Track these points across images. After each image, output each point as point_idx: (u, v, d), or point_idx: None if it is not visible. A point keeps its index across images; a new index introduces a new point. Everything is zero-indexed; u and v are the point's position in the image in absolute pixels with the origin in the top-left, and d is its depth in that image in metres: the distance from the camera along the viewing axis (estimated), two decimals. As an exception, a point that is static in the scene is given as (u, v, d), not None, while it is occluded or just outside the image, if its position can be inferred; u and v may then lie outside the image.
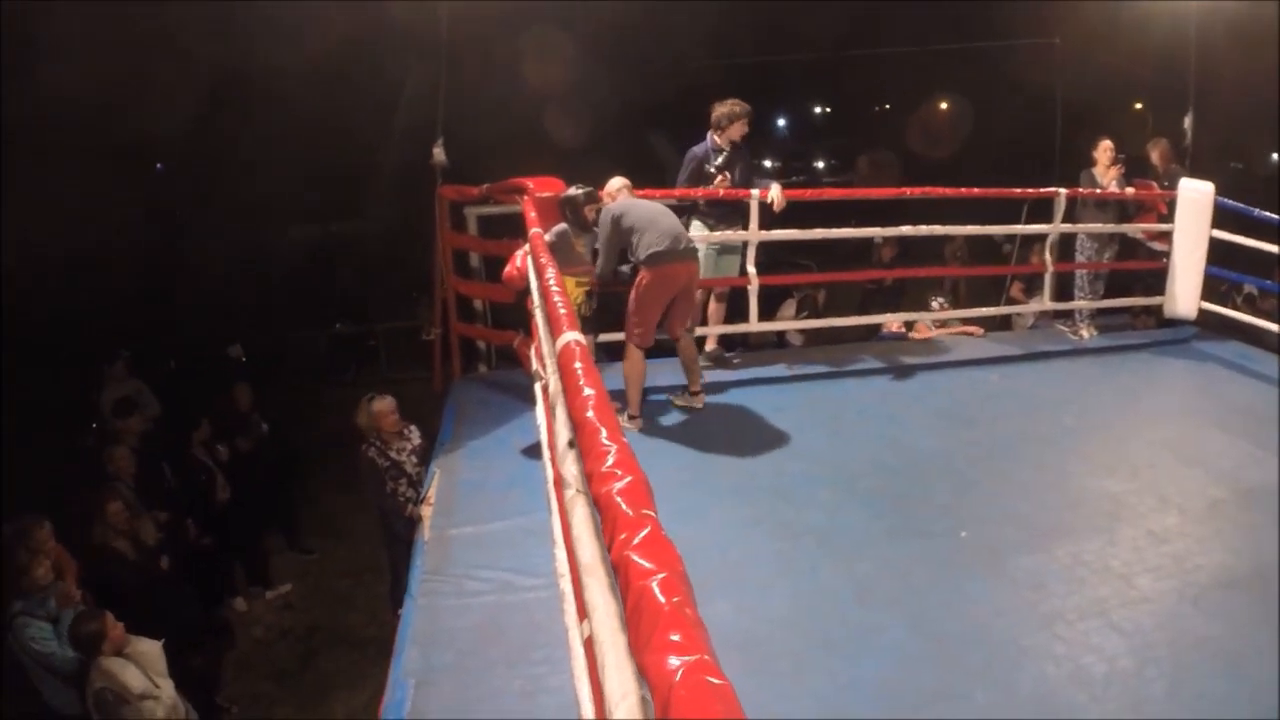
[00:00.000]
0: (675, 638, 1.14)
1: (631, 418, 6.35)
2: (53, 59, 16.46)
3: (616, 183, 6.45)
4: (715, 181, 7.31)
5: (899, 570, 4.60)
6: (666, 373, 6.82)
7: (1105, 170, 8.57)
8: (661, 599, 1.22)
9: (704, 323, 7.69)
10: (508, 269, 6.00)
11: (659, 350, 6.92)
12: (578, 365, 2.37)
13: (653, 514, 1.48)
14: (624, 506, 1.50)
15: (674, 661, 1.09)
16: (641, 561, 1.32)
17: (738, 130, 7.34)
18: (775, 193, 7.22)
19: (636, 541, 1.38)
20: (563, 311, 3.03)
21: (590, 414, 1.97)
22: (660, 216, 6.23)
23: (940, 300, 9.38)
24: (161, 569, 6.90)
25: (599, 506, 1.62)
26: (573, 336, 2.64)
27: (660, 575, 1.27)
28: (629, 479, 1.60)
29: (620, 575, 1.37)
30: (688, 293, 6.41)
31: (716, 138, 7.37)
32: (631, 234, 6.08)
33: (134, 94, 19.08)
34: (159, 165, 26.60)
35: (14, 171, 15.48)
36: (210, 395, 9.20)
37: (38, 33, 15.89)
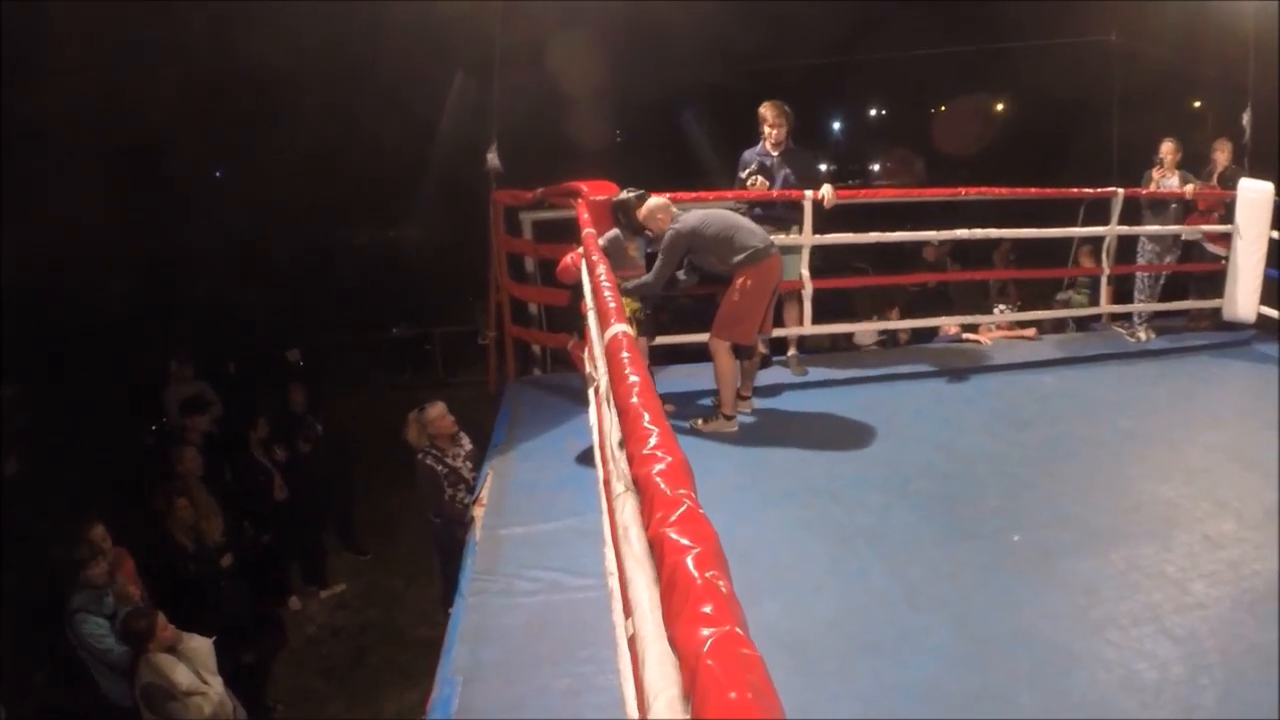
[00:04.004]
0: (707, 610, 1.14)
1: (727, 418, 6.38)
2: (115, 70, 16.81)
3: (660, 202, 6.26)
4: (749, 185, 7.34)
5: (949, 573, 4.57)
6: (705, 377, 6.82)
7: (1166, 172, 8.49)
8: (695, 573, 1.22)
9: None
10: (562, 262, 6.05)
11: (699, 355, 6.95)
12: (624, 355, 2.39)
13: (690, 493, 1.49)
14: (663, 486, 1.51)
15: (703, 633, 1.09)
16: (677, 538, 1.33)
17: (772, 133, 7.38)
18: (826, 192, 7.24)
19: (673, 519, 1.39)
20: (612, 305, 3.06)
21: (634, 399, 1.99)
22: (741, 219, 6.33)
23: (1002, 307, 9.34)
24: (222, 566, 7.05)
25: (639, 487, 1.64)
26: (621, 328, 2.67)
27: (695, 551, 1.28)
28: (669, 460, 1.61)
29: (656, 552, 1.38)
30: (776, 291, 6.47)
31: (765, 142, 7.43)
32: (719, 242, 6.10)
33: (188, 102, 19.45)
34: (218, 173, 27.09)
35: (70, 177, 15.81)
36: (268, 397, 9.35)
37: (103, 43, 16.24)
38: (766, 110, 7.36)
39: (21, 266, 11.97)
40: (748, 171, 7.37)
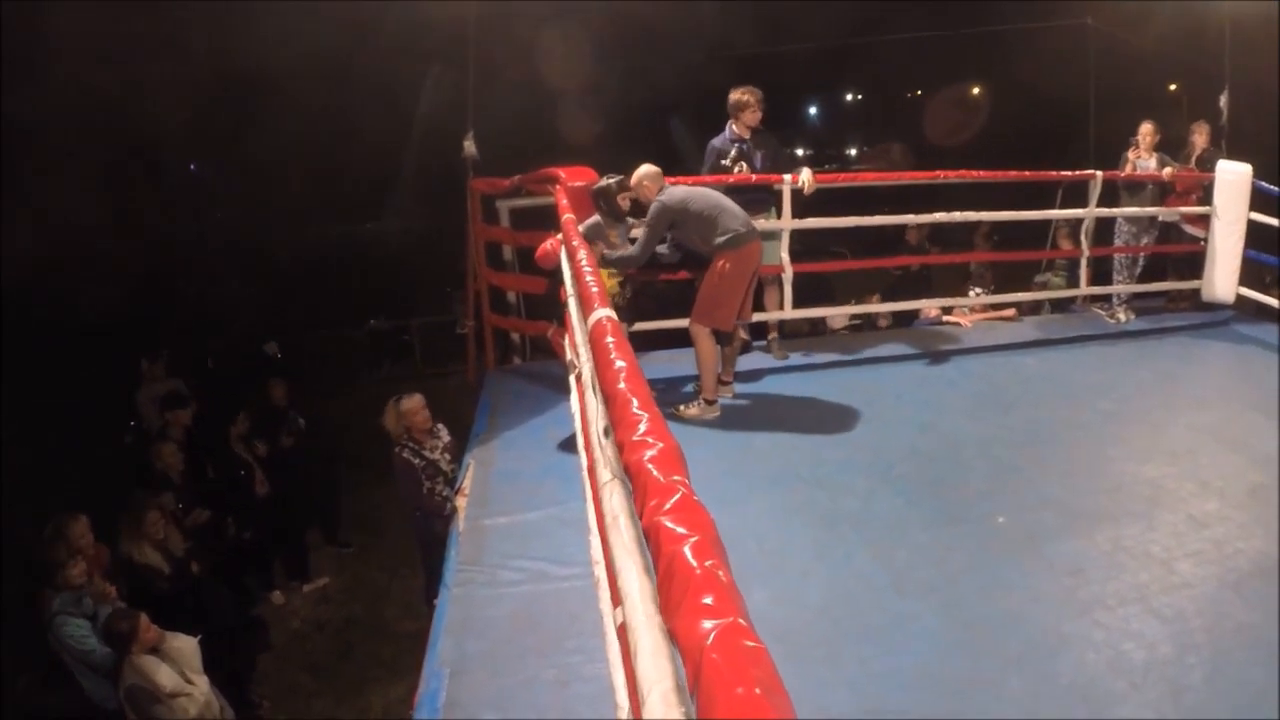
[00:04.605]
0: (708, 600, 1.10)
1: (709, 402, 6.35)
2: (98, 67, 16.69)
3: (651, 170, 6.29)
4: (734, 172, 7.29)
5: (935, 557, 4.56)
6: (686, 362, 6.79)
7: (1145, 154, 8.51)
8: (693, 563, 1.19)
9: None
10: (541, 246, 6.00)
11: (679, 340, 6.91)
12: (609, 340, 2.35)
13: (684, 480, 1.45)
14: (655, 473, 1.48)
15: (706, 625, 1.06)
16: (673, 527, 1.29)
17: (750, 117, 7.33)
18: (806, 176, 7.22)
19: (668, 507, 1.35)
20: (595, 290, 3.01)
21: (622, 385, 1.95)
22: (725, 201, 6.26)
23: (977, 290, 9.37)
24: (193, 573, 6.92)
25: (630, 474, 1.60)
26: (605, 313, 2.63)
27: (692, 539, 1.24)
28: (660, 446, 1.58)
29: (651, 541, 1.34)
30: (756, 275, 6.44)
31: (734, 126, 7.39)
32: (702, 219, 6.07)
33: (170, 99, 19.30)
34: (192, 166, 26.90)
35: (50, 175, 15.66)
36: (247, 392, 9.26)
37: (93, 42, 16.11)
38: (748, 95, 7.27)
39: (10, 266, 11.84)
40: (730, 159, 7.33)
